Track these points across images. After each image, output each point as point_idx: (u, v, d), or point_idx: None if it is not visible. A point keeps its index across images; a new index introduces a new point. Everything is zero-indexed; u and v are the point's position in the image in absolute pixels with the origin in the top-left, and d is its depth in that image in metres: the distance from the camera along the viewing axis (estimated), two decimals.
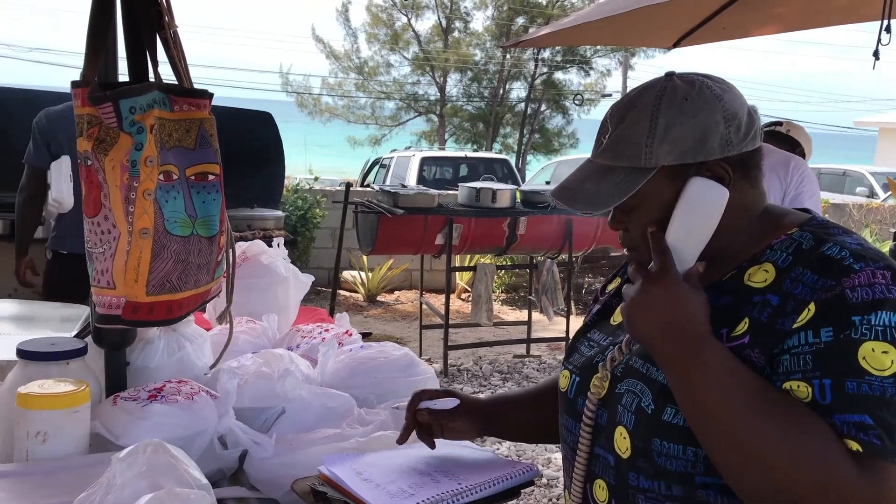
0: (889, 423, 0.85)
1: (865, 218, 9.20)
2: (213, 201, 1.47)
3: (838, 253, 0.94)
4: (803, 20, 3.59)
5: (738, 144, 0.99)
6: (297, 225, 7.50)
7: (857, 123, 20.75)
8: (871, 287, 0.89)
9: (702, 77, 1.02)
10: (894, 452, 0.85)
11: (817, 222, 1.02)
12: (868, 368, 0.86)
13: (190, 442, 1.37)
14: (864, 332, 0.88)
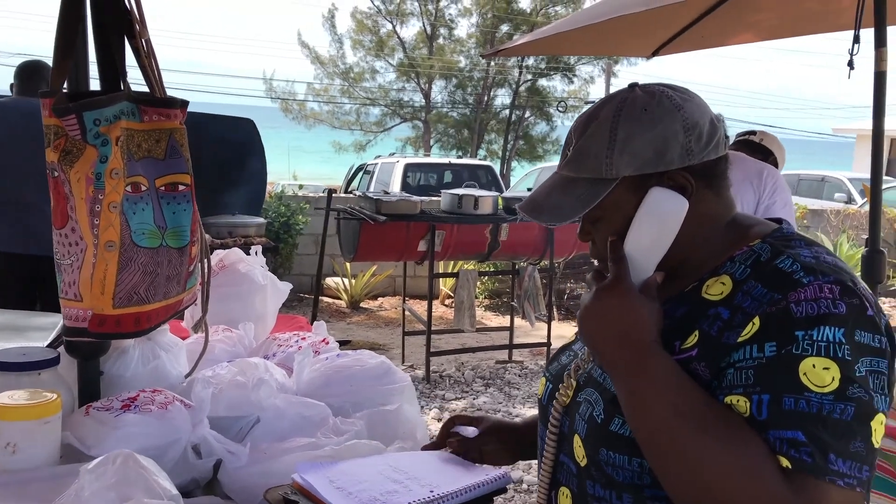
0: (823, 440, 0.84)
1: (843, 223, 9.30)
2: (183, 212, 1.47)
3: (790, 266, 0.94)
4: (780, 29, 3.64)
5: (699, 153, 0.99)
6: (280, 231, 7.48)
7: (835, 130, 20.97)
8: (816, 302, 0.89)
9: (663, 87, 1.03)
10: (824, 470, 0.83)
11: (781, 234, 1.02)
12: (808, 384, 0.85)
13: (163, 451, 1.36)
14: (805, 347, 0.87)
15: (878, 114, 2.68)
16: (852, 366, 0.86)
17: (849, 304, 0.89)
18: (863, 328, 0.88)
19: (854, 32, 2.60)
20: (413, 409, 1.66)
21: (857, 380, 0.86)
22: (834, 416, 0.84)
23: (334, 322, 7.33)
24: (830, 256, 0.97)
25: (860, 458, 0.84)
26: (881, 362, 0.88)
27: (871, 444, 0.85)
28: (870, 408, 0.86)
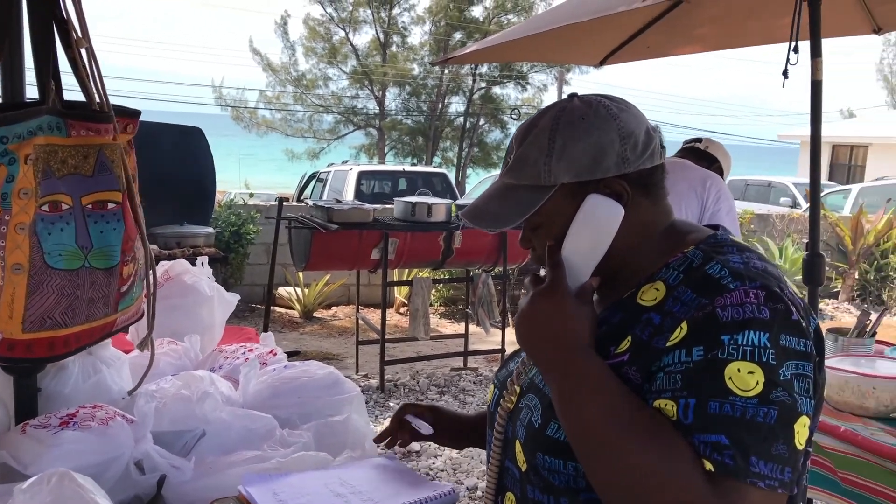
0: (745, 443, 0.85)
1: (788, 227, 9.56)
2: (112, 231, 1.41)
3: (718, 272, 0.96)
4: (722, 41, 3.73)
5: (634, 162, 1.01)
6: (230, 241, 7.38)
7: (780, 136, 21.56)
8: (741, 306, 0.90)
9: (601, 98, 1.05)
10: (746, 473, 0.85)
11: (714, 240, 1.04)
12: (733, 389, 0.87)
13: (104, 469, 1.34)
14: (731, 351, 0.88)
15: (815, 121, 2.77)
16: (777, 370, 0.88)
17: (773, 309, 0.91)
18: (788, 332, 0.90)
19: (790, 44, 2.68)
20: (362, 419, 1.66)
21: (781, 383, 0.88)
22: (757, 419, 0.86)
23: (287, 332, 7.26)
24: (761, 262, 0.99)
25: (782, 461, 0.86)
26: (806, 365, 0.90)
27: (793, 446, 0.87)
28: (793, 411, 0.88)
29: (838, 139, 20.11)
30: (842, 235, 9.21)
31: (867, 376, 2.23)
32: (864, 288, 9.33)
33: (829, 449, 2.21)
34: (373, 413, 4.92)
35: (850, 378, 2.24)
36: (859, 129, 20.60)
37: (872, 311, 3.13)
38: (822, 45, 2.71)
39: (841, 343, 2.64)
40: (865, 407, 2.22)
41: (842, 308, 9.05)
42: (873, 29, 3.32)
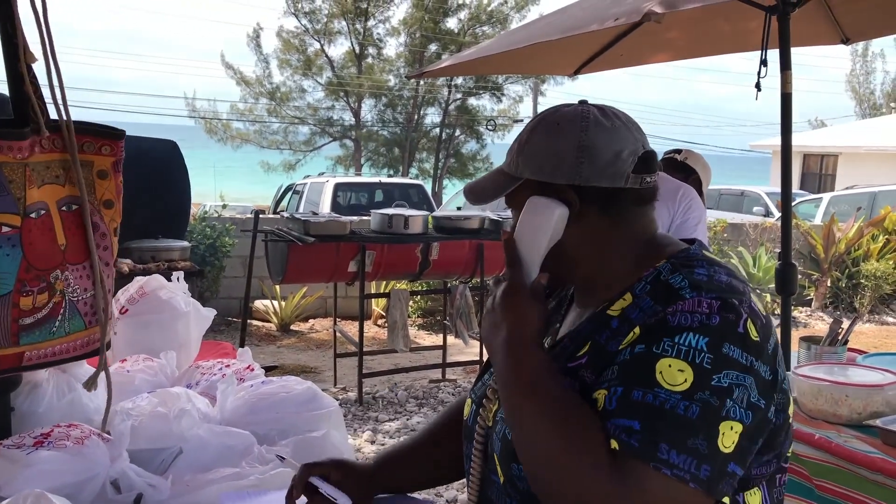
0: (658, 430, 0.88)
1: (760, 236, 9.68)
2: (5, 257, 1.30)
3: (679, 283, 0.99)
4: (694, 49, 3.79)
5: (587, 177, 1.04)
6: (205, 254, 7.32)
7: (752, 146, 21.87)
8: (691, 313, 0.94)
9: (596, 108, 1.08)
10: (651, 456, 0.87)
11: (686, 254, 1.06)
12: (660, 381, 0.90)
13: (79, 489, 1.32)
14: (666, 348, 0.92)
15: (785, 132, 2.82)
16: (710, 374, 0.90)
17: (723, 318, 0.94)
18: (732, 343, 0.92)
19: (761, 56, 2.73)
20: (340, 434, 1.65)
21: (712, 388, 0.90)
22: (677, 411, 0.89)
23: (264, 346, 7.20)
24: (727, 277, 1.01)
25: (698, 456, 0.88)
26: (746, 378, 0.92)
27: (716, 446, 0.89)
28: (717, 414, 0.89)
29: (809, 149, 20.45)
30: (814, 244, 9.34)
31: (840, 384, 2.26)
32: (836, 296, 9.47)
33: (803, 457, 2.23)
34: (351, 426, 4.89)
35: (823, 386, 2.27)
36: (829, 139, 20.97)
37: (845, 318, 3.17)
38: (791, 57, 2.76)
39: (814, 351, 2.68)
40: (838, 415, 2.25)
41: (815, 315, 9.17)
42: (841, 39, 3.39)
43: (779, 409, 0.98)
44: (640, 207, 1.09)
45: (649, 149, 1.08)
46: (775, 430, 0.99)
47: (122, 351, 2.02)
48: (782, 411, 0.99)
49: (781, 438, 1.01)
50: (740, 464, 0.92)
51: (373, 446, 4.56)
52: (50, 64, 1.35)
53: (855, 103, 30.25)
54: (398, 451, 1.33)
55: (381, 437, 4.71)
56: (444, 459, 1.30)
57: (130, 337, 2.02)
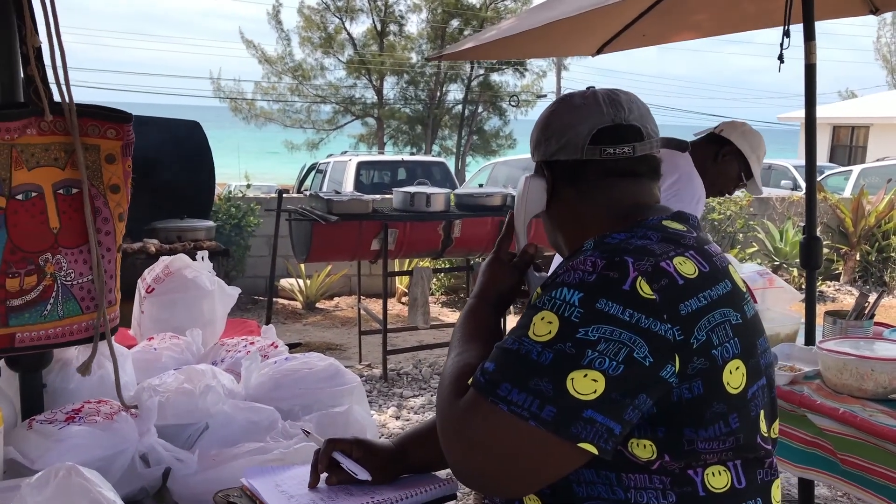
0: (504, 370, 0.96)
1: (788, 210, 9.55)
2: None
3: (587, 245, 1.07)
4: (717, 27, 3.72)
5: (551, 153, 1.15)
6: (231, 234, 7.39)
7: (780, 119, 21.47)
8: (574, 270, 1.00)
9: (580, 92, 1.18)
10: (490, 392, 0.95)
11: (637, 222, 1.08)
12: (530, 333, 0.97)
13: (110, 462, 1.36)
14: (545, 301, 0.99)
15: (809, 104, 2.77)
16: (576, 327, 0.94)
17: (602, 276, 0.97)
18: (611, 299, 0.95)
19: (784, 28, 2.68)
20: (363, 409, 1.67)
21: (574, 340, 0.94)
22: (531, 356, 0.95)
23: (290, 324, 7.28)
24: (645, 242, 1.02)
25: (541, 397, 0.92)
26: (624, 335, 0.93)
27: (563, 389, 0.92)
28: (572, 362, 0.93)
29: (839, 120, 20.05)
30: (843, 217, 9.20)
31: (865, 358, 2.25)
32: (865, 269, 9.33)
33: (828, 431, 2.22)
34: (377, 402, 4.95)
35: (848, 360, 2.25)
36: (860, 110, 20.53)
37: (871, 293, 3.12)
38: (815, 28, 2.71)
39: (839, 326, 2.66)
40: (864, 389, 2.24)
41: (843, 290, 9.05)
42: (870, 10, 3.30)
43: (693, 376, 0.96)
44: (610, 179, 1.12)
45: (622, 122, 1.11)
46: (697, 399, 0.97)
47: (149, 329, 2.06)
48: (700, 378, 0.96)
49: (719, 410, 0.98)
50: (605, 413, 0.92)
51: (398, 422, 4.61)
52: (54, 46, 1.34)
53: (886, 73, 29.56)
54: (418, 431, 1.36)
55: (405, 413, 4.77)
56: None
57: (157, 315, 2.06)
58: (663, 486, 0.98)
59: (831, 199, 9.37)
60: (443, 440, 1.00)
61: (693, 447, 0.98)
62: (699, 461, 0.99)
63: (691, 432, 0.97)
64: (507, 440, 0.93)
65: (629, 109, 1.12)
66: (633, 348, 0.93)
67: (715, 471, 1.00)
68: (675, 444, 0.97)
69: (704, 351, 0.97)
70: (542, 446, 0.92)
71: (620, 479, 0.98)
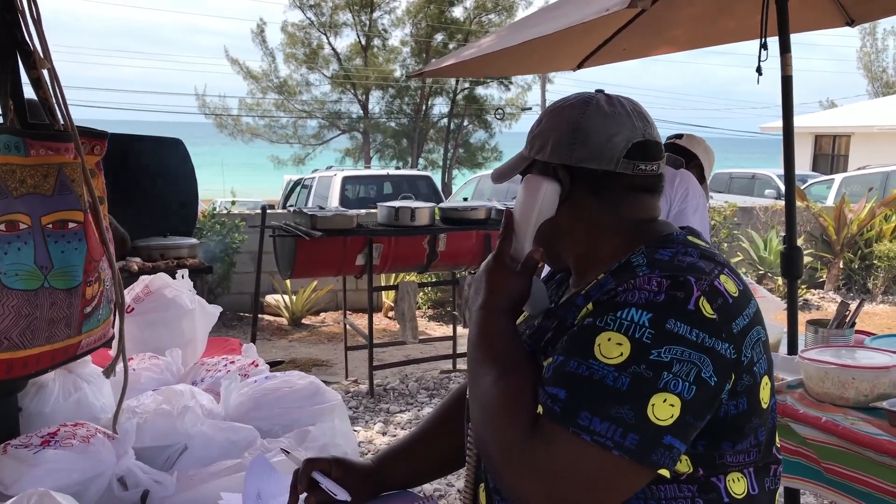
0: (581, 398, 0.92)
1: (771, 219, 9.62)
2: (73, 251, 1.38)
3: (638, 261, 1.03)
4: (696, 40, 3.76)
5: (578, 158, 1.08)
6: (216, 251, 7.36)
7: (762, 129, 21.66)
8: (639, 290, 0.96)
9: (603, 97, 1.13)
10: (570, 422, 0.91)
11: (665, 238, 1.08)
12: (597, 354, 0.93)
13: (86, 486, 1.35)
14: (608, 322, 0.95)
15: (787, 115, 2.80)
16: (648, 349, 0.92)
17: (669, 296, 0.95)
18: (679, 319, 0.94)
19: (760, 41, 2.71)
20: (344, 427, 1.67)
21: (649, 362, 0.92)
22: (606, 381, 0.92)
23: (276, 340, 7.25)
24: (695, 259, 1.02)
25: (623, 425, 0.90)
26: (694, 354, 0.93)
27: (644, 416, 0.90)
28: (650, 385, 0.91)
29: (821, 129, 20.24)
30: (825, 225, 9.28)
31: (846, 367, 2.26)
32: (849, 277, 9.41)
33: (811, 440, 2.23)
34: (363, 418, 4.93)
35: (829, 369, 2.26)
36: (841, 119, 20.73)
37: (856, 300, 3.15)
38: (790, 40, 2.74)
39: (821, 334, 2.67)
40: (845, 397, 2.25)
41: (828, 298, 9.12)
42: (846, 21, 3.35)
43: (740, 392, 0.98)
44: (634, 194, 1.11)
45: (651, 138, 1.11)
46: (741, 415, 0.99)
47: (129, 349, 2.03)
48: (746, 395, 0.99)
49: (755, 425, 1.01)
50: (680, 438, 0.92)
51: (384, 437, 4.59)
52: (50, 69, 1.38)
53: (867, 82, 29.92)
54: (396, 449, 1.35)
55: (392, 429, 4.74)
56: (441, 452, 1.32)
57: (137, 335, 2.04)
58: (692, 495, 0.99)
59: (814, 207, 9.46)
60: (507, 472, 0.94)
61: (723, 460, 1.00)
62: (724, 470, 1.01)
63: (728, 446, 0.99)
64: (589, 470, 0.91)
65: (651, 124, 1.13)
66: (701, 368, 0.93)
67: (735, 477, 1.01)
68: (710, 458, 0.99)
69: (749, 368, 0.99)
70: (623, 474, 0.91)
71: (652, 492, 0.98)
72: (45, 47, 1.35)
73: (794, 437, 2.29)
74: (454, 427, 1.27)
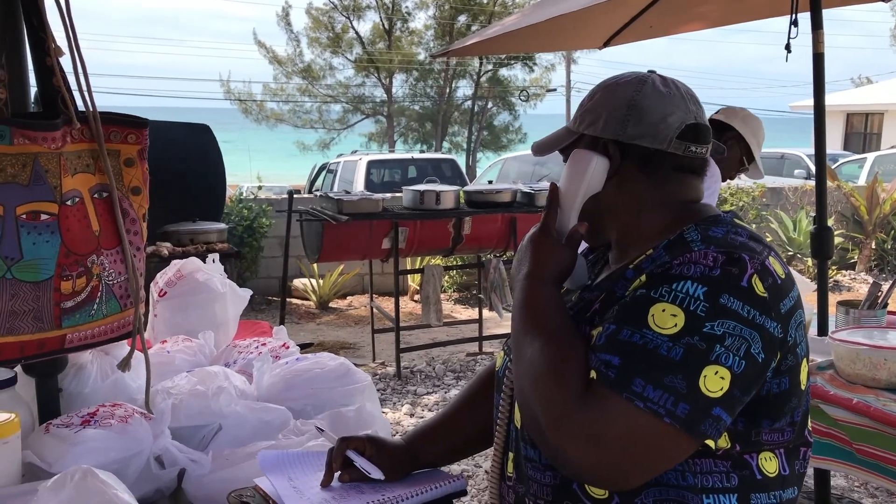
0: (635, 366, 0.93)
1: (801, 200, 9.48)
2: (45, 243, 1.35)
3: (692, 237, 1.04)
4: (723, 17, 3.71)
5: (631, 135, 1.09)
6: (244, 236, 7.43)
7: (792, 107, 21.29)
8: (694, 264, 0.97)
9: (658, 77, 1.13)
10: (624, 388, 0.92)
11: (713, 217, 1.09)
12: (650, 324, 0.94)
13: (125, 464, 1.38)
14: (663, 293, 0.96)
15: (818, 93, 2.75)
16: (702, 321, 0.93)
17: (725, 271, 0.96)
18: (732, 294, 0.95)
19: (791, 17, 2.67)
20: (374, 407, 1.68)
21: (702, 334, 0.93)
22: (660, 351, 0.93)
23: (304, 323, 7.32)
24: (746, 239, 1.04)
25: (675, 394, 0.91)
26: (746, 330, 0.94)
27: (696, 386, 0.91)
28: (703, 357, 0.92)
29: (852, 107, 19.86)
30: (857, 206, 9.12)
31: (878, 348, 2.23)
32: (881, 258, 9.26)
33: (842, 421, 2.22)
34: (391, 400, 4.97)
35: (861, 350, 2.24)
36: (874, 97, 20.31)
37: (885, 282, 3.10)
38: (822, 16, 2.69)
39: (852, 315, 2.65)
40: (877, 378, 2.23)
41: (859, 279, 8.98)
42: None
43: (784, 372, 1.00)
44: (681, 174, 1.12)
45: (703, 122, 1.12)
46: (782, 394, 1.01)
47: (163, 332, 2.08)
48: (788, 374, 1.01)
49: (793, 405, 1.03)
50: (727, 410, 0.94)
51: (412, 419, 4.63)
52: (75, 56, 1.38)
53: None
54: (427, 428, 1.37)
55: (419, 411, 4.78)
56: (469, 432, 1.33)
57: (170, 319, 2.08)
58: (726, 470, 1.00)
59: (845, 187, 9.30)
60: (556, 436, 0.94)
61: (759, 438, 1.01)
62: (757, 448, 1.02)
63: (767, 424, 1.01)
64: (640, 435, 0.92)
65: (702, 109, 1.14)
66: (751, 344, 0.94)
67: (767, 456, 1.03)
68: (748, 434, 1.00)
69: (793, 348, 1.01)
70: (672, 441, 0.92)
71: (689, 465, 0.99)
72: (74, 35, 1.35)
73: (824, 418, 2.28)
74: (481, 408, 1.30)
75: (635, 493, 1.00)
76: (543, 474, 1.06)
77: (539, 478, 1.07)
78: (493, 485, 1.17)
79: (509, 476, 1.14)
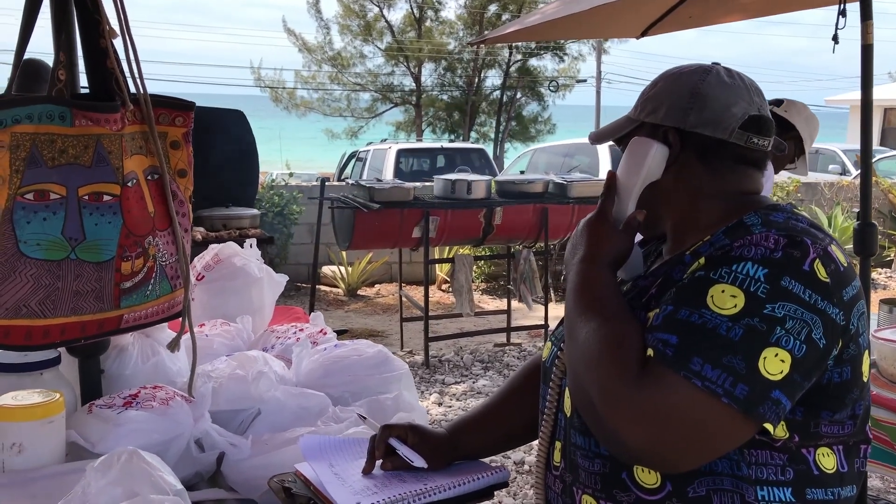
0: (694, 345, 0.91)
1: (836, 196, 9.32)
2: (107, 224, 1.36)
3: (752, 221, 1.03)
4: (767, 7, 3.64)
5: (693, 124, 1.08)
6: (274, 222, 7.48)
7: (827, 101, 20.90)
8: (755, 245, 0.96)
9: (722, 68, 1.12)
10: (682, 366, 0.90)
11: (773, 205, 1.09)
12: (709, 304, 0.93)
13: (166, 447, 1.39)
14: (722, 275, 0.94)
15: (866, 86, 2.69)
16: (763, 303, 0.92)
17: (787, 254, 0.95)
18: (794, 277, 0.93)
19: (839, 7, 2.60)
20: (411, 395, 1.68)
21: (762, 315, 0.91)
22: (719, 331, 0.91)
23: (332, 310, 7.35)
24: (807, 226, 1.03)
25: (734, 374, 0.89)
26: (807, 314, 0.92)
27: (755, 367, 0.90)
28: (763, 339, 0.91)
29: (890, 102, 19.43)
30: (895, 202, 8.95)
31: None
32: None
33: (884, 422, 2.18)
34: (419, 389, 4.98)
35: None
36: None
37: None
38: (872, 6, 2.62)
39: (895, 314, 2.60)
40: None
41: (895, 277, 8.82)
42: None
43: (846, 361, 0.98)
44: (741, 166, 1.11)
45: (766, 114, 1.10)
46: (843, 384, 0.99)
47: (200, 316, 2.09)
48: (850, 364, 0.99)
49: (855, 396, 1.01)
50: (787, 395, 0.92)
51: (440, 408, 4.63)
52: (126, 39, 1.40)
53: None
54: (470, 419, 1.36)
55: (447, 400, 4.79)
56: (511, 426, 1.32)
57: (207, 302, 2.09)
58: (782, 463, 0.98)
59: (883, 183, 9.12)
60: (612, 415, 0.92)
61: (818, 429, 0.99)
62: (814, 442, 1.00)
63: (827, 415, 0.99)
64: (697, 415, 0.90)
65: (766, 102, 1.13)
66: (812, 328, 0.92)
67: (825, 452, 1.01)
68: (807, 425, 0.98)
69: (855, 338, 0.99)
70: (729, 423, 0.91)
71: (744, 455, 0.97)
72: (125, 18, 1.36)
73: None
74: (525, 401, 1.28)
75: (688, 482, 0.98)
76: (592, 462, 1.05)
77: (588, 466, 1.05)
78: (539, 474, 1.16)
79: (556, 465, 1.13)
